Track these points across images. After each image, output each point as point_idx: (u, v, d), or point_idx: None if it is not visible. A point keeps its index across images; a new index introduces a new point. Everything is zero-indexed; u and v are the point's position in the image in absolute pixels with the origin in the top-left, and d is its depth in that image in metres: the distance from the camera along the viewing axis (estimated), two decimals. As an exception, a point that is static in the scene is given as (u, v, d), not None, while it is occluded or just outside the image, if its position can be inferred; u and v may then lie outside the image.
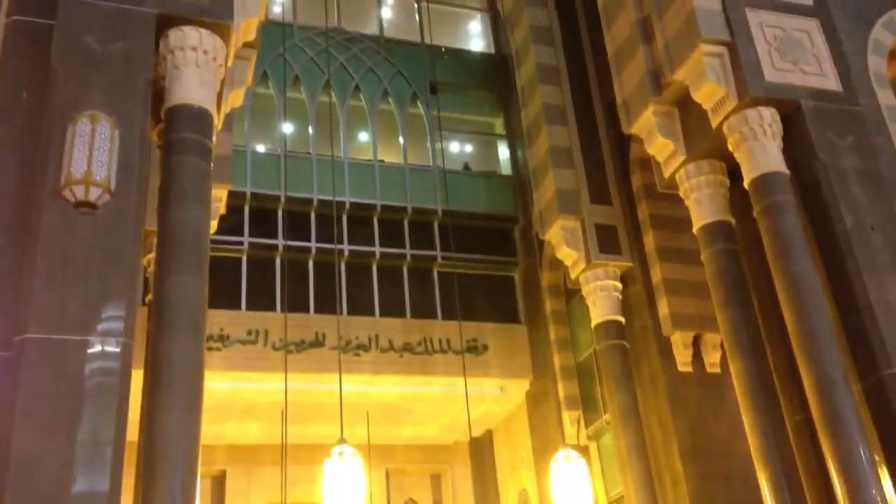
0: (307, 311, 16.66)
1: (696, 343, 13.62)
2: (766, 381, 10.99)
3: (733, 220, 11.94)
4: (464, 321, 16.57)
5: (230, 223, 15.56)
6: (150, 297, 9.99)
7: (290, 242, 17.07)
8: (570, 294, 16.41)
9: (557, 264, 15.81)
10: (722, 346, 12.29)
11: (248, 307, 16.42)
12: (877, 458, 9.68)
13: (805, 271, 10.45)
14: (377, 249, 17.88)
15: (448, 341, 16.99)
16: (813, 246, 10.82)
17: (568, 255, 14.70)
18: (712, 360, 13.50)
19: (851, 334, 10.33)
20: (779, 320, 10.80)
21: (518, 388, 17.83)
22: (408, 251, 18.10)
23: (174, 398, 7.89)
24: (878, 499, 9.30)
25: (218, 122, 10.22)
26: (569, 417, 15.95)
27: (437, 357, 16.97)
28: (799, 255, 10.56)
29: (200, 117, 9.26)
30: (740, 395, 11.05)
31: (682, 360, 13.50)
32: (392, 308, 17.42)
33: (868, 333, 10.17)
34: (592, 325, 14.41)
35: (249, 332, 15.95)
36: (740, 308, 11.40)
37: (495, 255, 18.60)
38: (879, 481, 9.50)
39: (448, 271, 17.86)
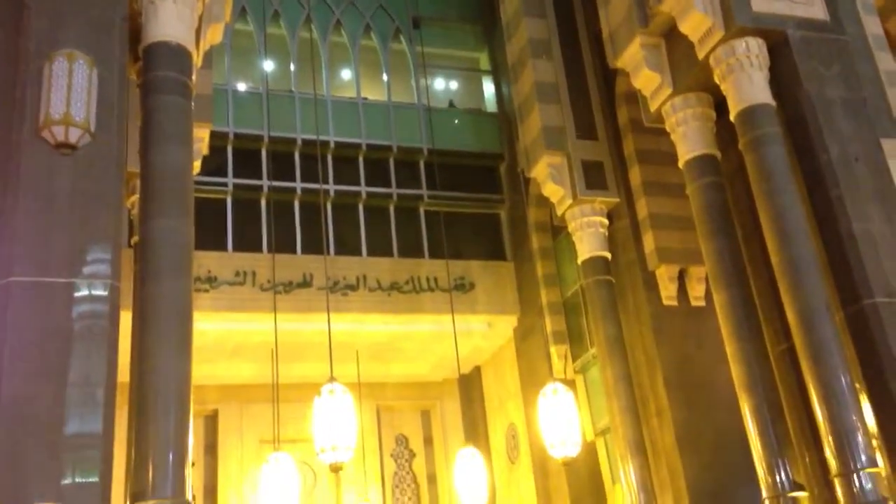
0: (294, 251, 16.65)
1: (682, 277, 13.72)
2: (750, 311, 11.15)
3: (719, 154, 11.94)
4: (451, 259, 16.63)
5: (214, 164, 15.42)
6: (136, 238, 9.93)
7: (274, 183, 16.94)
8: (557, 231, 16.45)
9: (544, 201, 15.79)
10: (706, 279, 12.41)
11: (235, 248, 16.39)
12: (857, 385, 9.90)
13: (790, 202, 10.51)
14: (363, 189, 17.80)
15: (435, 280, 17.07)
16: (798, 177, 10.86)
17: (554, 191, 14.67)
18: (697, 293, 13.63)
19: (834, 264, 10.46)
20: (763, 252, 10.91)
21: (506, 325, 18.00)
22: (394, 190, 18.03)
23: (164, 339, 7.92)
24: (859, 425, 9.54)
25: (197, 60, 10.01)
26: (556, 352, 16.15)
27: (425, 295, 17.07)
28: (784, 186, 10.60)
29: (179, 54, 9.07)
30: (724, 325, 11.22)
31: (668, 293, 13.61)
32: (379, 247, 17.43)
33: (850, 263, 10.29)
34: (579, 260, 14.47)
35: (237, 274, 15.94)
36: (725, 240, 11.49)
37: (481, 192, 18.57)
38: (860, 408, 9.73)
39: (434, 210, 17.83)
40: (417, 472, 20.61)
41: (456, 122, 19.32)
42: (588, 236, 14.34)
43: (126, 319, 8.48)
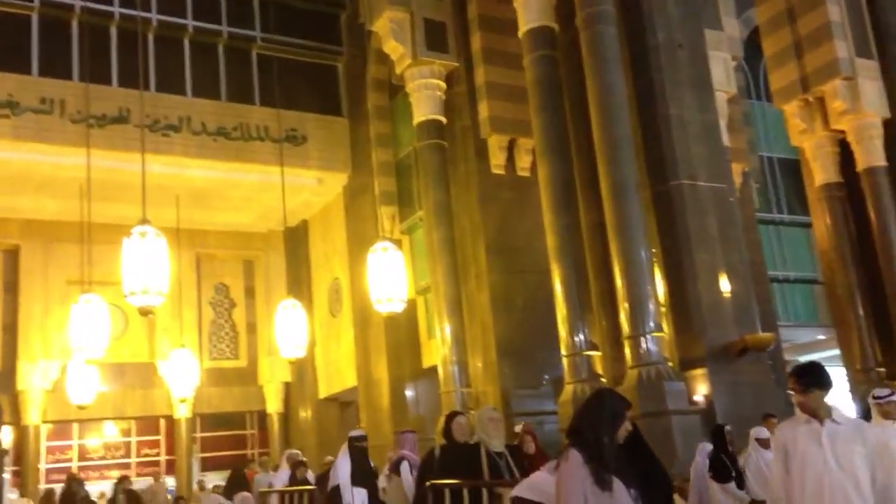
0: (109, 83, 15.35)
1: (511, 147, 14.05)
2: (569, 184, 11.71)
3: (557, 27, 12.07)
4: (283, 109, 16.05)
5: (17, -24, 13.67)
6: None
7: (89, 4, 15.32)
8: (395, 90, 16.21)
9: (383, 58, 15.42)
10: (534, 151, 12.80)
11: (42, 73, 14.87)
12: (654, 258, 10.80)
13: (615, 82, 10.92)
14: (190, 23, 16.51)
15: (266, 129, 16.46)
16: (626, 59, 11.24)
17: (395, 48, 14.33)
18: (524, 163, 14.06)
19: (647, 145, 11.10)
20: (587, 128, 11.36)
21: (336, 181, 17.85)
22: (224, 28, 16.88)
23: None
24: (651, 294, 10.48)
25: None
26: (385, 212, 16.29)
27: (255, 144, 16.47)
28: (612, 65, 10.96)
29: None
30: (544, 196, 11.74)
31: (497, 162, 13.95)
32: (206, 89, 16.44)
33: (662, 145, 10.97)
34: (414, 122, 14.42)
35: (43, 101, 14.55)
36: (554, 114, 11.83)
37: (320, 41, 17.79)
38: (654, 279, 10.67)
39: (268, 55, 16.95)
40: (237, 321, 20.59)
41: (298, -38, 18.15)
42: (425, 98, 14.25)
43: None
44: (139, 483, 16.02)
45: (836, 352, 15.39)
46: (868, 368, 14.01)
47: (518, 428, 8.82)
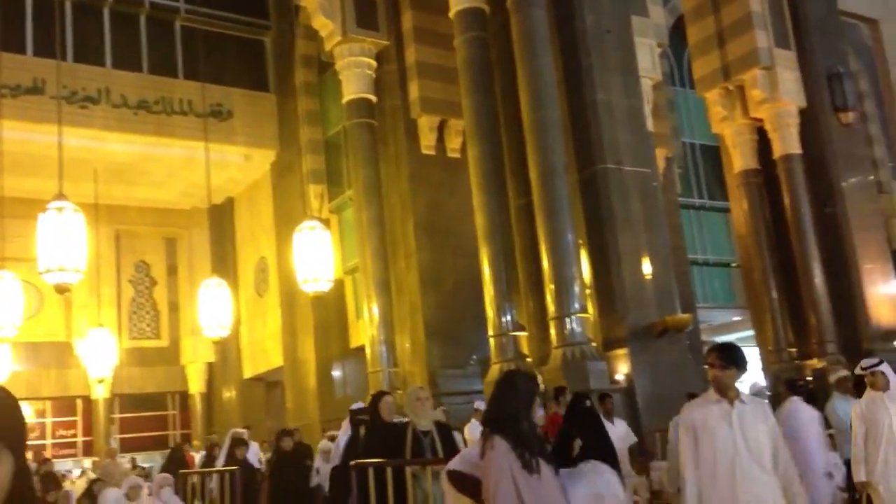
0: (24, 52, 14.68)
1: (442, 127, 14.05)
2: (498, 166, 11.79)
3: (488, 9, 12.08)
4: (208, 83, 15.63)
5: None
6: None
7: (0, -33, 14.58)
8: (324, 67, 15.98)
9: (312, 34, 15.17)
10: (464, 132, 12.83)
11: (-52, 40, 14.12)
12: (580, 241, 10.99)
13: (544, 66, 11.02)
14: (110, -9, 15.93)
15: (190, 103, 16.01)
16: (555, 43, 11.35)
17: (324, 24, 14.10)
18: (454, 144, 14.08)
19: (575, 129, 11.26)
20: (516, 111, 11.45)
21: (263, 158, 17.54)
22: (147, -3, 16.35)
23: None
24: (576, 276, 10.68)
25: None
26: (313, 190, 16.11)
27: (178, 119, 16.02)
28: (541, 49, 11.06)
29: None
30: (474, 178, 11.79)
31: (427, 142, 13.93)
32: (127, 60, 15.88)
33: (589, 130, 11.15)
34: (343, 100, 14.25)
35: (-50, 70, 13.84)
36: (484, 96, 11.87)
37: (246, 15, 17.38)
38: (580, 261, 10.87)
39: (192, 27, 16.47)
40: (158, 300, 20.10)
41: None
42: (355, 76, 14.09)
43: None
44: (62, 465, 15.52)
45: (751, 333, 15.98)
46: (780, 349, 14.60)
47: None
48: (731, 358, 3.87)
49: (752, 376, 15.23)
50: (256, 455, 10.37)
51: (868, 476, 5.35)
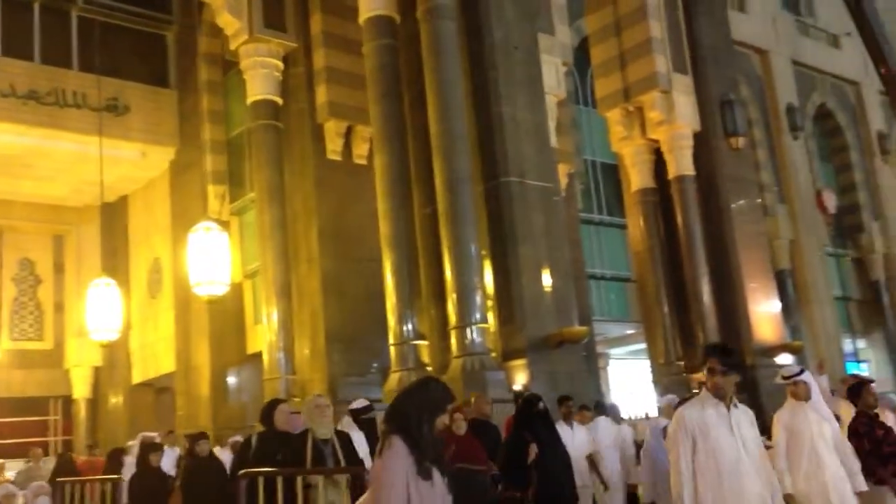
0: None
1: (349, 133, 13.96)
2: (404, 175, 11.81)
3: (398, 17, 12.10)
4: (104, 76, 15.05)
5: None
6: None
7: None
8: (229, 65, 15.61)
9: (217, 31, 14.81)
10: (371, 139, 12.78)
11: None
12: (483, 252, 11.12)
13: (452, 77, 11.13)
14: (1, -26, 15.10)
15: (84, 95, 15.33)
16: (464, 55, 11.48)
17: (230, 23, 13.78)
18: (361, 151, 14.00)
19: (481, 141, 11.40)
20: (424, 120, 11.50)
21: (161, 156, 16.96)
22: (42, -16, 15.58)
23: None
24: (478, 286, 10.79)
25: None
26: (214, 191, 15.69)
27: (71, 111, 15.30)
28: (450, 61, 11.17)
29: None
30: (379, 185, 11.77)
31: (333, 147, 13.80)
32: (17, 47, 15.07)
33: (495, 142, 11.31)
34: (248, 101, 13.96)
35: None
36: (392, 104, 11.88)
37: (148, 8, 16.80)
38: (481, 271, 10.99)
39: (90, 17, 15.78)
40: (43, 300, 19.11)
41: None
42: (261, 77, 13.82)
43: None
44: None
45: (643, 346, 16.53)
46: (670, 362, 15.16)
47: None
48: (733, 364, 3.81)
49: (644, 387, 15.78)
50: (173, 461, 9.86)
51: (792, 487, 5.18)
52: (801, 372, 5.43)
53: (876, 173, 22.87)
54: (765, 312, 15.07)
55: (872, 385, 6.17)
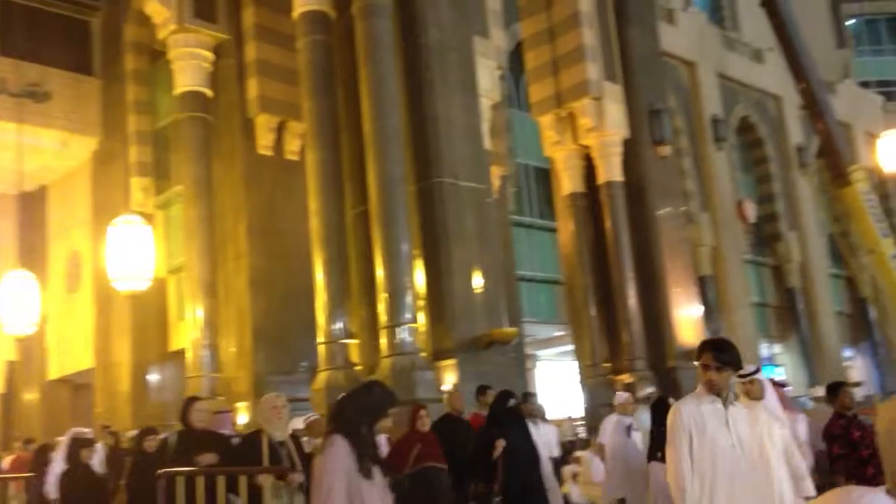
0: None
1: (281, 129, 13.76)
2: (337, 173, 11.71)
3: (333, 13, 11.99)
4: (24, 61, 14.45)
5: None
6: None
7: None
8: (156, 55, 15.18)
9: (145, 19, 14.39)
10: (304, 135, 12.62)
11: None
12: (415, 252, 11.10)
13: (387, 76, 11.09)
14: (-87, -51, 14.36)
15: (3, 80, 14.68)
16: (399, 54, 11.45)
17: (158, 11, 13.42)
18: (292, 147, 13.82)
19: (415, 142, 11.39)
20: (357, 118, 11.42)
21: (83, 146, 16.39)
22: (-42, -38, 14.86)
23: None
24: (410, 286, 10.77)
25: None
26: (138, 183, 15.24)
27: (-13, 96, 14.65)
28: (385, 59, 11.12)
29: None
30: (311, 182, 11.63)
31: (264, 142, 13.59)
32: (-70, 27, 14.37)
33: (428, 143, 11.31)
34: (176, 92, 13.61)
35: None
36: (325, 101, 11.76)
37: (73, -8, 16.23)
38: (412, 271, 10.97)
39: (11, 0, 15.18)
40: (-48, 295, 18.21)
41: None
42: (190, 68, 13.50)
43: None
44: None
45: (571, 347, 16.78)
46: (596, 364, 15.42)
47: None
48: (728, 360, 3.76)
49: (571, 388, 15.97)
50: (101, 459, 9.39)
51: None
52: (757, 371, 5.38)
53: (794, 185, 23.79)
54: (687, 316, 15.48)
55: (849, 389, 6.13)
